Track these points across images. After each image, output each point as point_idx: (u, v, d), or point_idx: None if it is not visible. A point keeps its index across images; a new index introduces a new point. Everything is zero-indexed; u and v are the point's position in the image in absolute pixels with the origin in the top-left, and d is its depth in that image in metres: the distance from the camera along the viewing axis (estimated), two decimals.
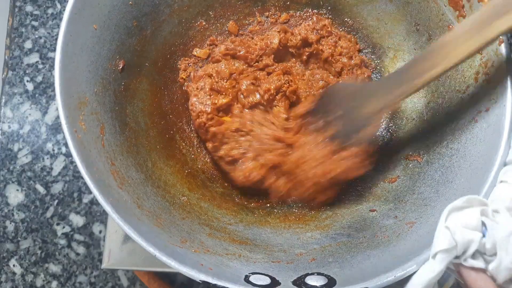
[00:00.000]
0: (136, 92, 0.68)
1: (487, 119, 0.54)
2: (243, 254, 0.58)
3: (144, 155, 0.65)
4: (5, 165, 0.85)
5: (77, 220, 0.84)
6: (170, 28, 0.72)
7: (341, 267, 0.53)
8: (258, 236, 0.64)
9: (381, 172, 0.69)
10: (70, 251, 0.83)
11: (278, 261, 0.57)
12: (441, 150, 0.61)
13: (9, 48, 0.90)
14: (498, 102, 0.53)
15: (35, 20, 0.91)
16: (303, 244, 0.62)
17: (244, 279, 0.50)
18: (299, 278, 0.51)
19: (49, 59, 0.90)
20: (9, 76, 0.89)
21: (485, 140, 0.54)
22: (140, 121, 0.68)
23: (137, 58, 0.68)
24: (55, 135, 0.87)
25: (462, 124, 0.59)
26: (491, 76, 0.55)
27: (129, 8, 0.64)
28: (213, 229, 0.63)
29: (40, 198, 0.84)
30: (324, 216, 0.68)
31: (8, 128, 0.87)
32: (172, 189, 0.66)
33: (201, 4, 0.74)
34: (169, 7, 0.71)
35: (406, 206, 0.60)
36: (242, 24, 0.77)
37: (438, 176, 0.59)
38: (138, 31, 0.67)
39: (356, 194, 0.69)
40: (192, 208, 0.66)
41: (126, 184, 0.57)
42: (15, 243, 0.83)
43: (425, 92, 0.68)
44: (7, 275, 0.82)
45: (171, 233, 0.56)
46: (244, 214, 0.69)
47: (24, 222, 0.84)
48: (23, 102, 0.88)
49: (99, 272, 0.83)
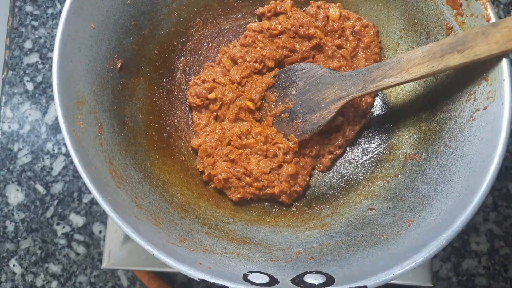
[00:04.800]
0: (134, 91, 0.68)
1: (485, 117, 0.54)
2: (241, 252, 0.58)
3: (142, 154, 0.66)
4: (5, 165, 0.85)
5: (77, 220, 0.84)
6: (169, 27, 0.72)
7: (340, 265, 0.53)
8: (256, 235, 0.64)
9: (380, 170, 0.69)
10: (70, 251, 0.83)
11: (276, 259, 0.57)
12: (439, 149, 0.61)
13: (9, 48, 0.90)
14: (496, 100, 0.53)
15: (35, 20, 0.91)
16: (301, 242, 0.62)
17: (242, 278, 0.50)
18: (298, 276, 0.51)
19: (49, 59, 0.90)
20: (9, 76, 0.89)
21: (483, 139, 0.54)
22: (138, 120, 0.68)
23: (135, 57, 0.68)
24: (55, 135, 0.87)
25: (460, 122, 0.59)
26: (489, 74, 0.55)
27: (127, 7, 0.65)
28: (211, 228, 0.63)
29: (40, 198, 0.84)
30: (323, 215, 0.68)
31: (8, 128, 0.87)
32: (171, 188, 0.66)
33: (200, 3, 0.74)
34: (167, 6, 0.71)
35: (404, 205, 0.60)
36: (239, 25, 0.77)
37: (436, 175, 0.59)
38: (136, 30, 0.67)
39: (355, 193, 0.69)
40: (191, 207, 0.66)
41: (124, 183, 0.58)
42: (15, 243, 0.83)
43: (423, 90, 0.68)
44: (7, 275, 0.83)
45: (169, 232, 0.56)
46: (242, 213, 0.69)
47: (24, 222, 0.84)
48: (23, 102, 0.88)
49: (99, 272, 0.83)
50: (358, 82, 0.63)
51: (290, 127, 0.70)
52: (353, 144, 0.73)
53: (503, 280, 0.80)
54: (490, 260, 0.80)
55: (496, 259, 0.80)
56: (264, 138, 0.69)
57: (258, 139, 0.69)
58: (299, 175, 0.70)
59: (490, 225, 0.81)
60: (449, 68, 0.56)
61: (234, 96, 0.71)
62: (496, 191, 0.83)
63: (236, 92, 0.71)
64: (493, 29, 0.53)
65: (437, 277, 0.80)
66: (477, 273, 0.80)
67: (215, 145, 0.70)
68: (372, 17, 0.73)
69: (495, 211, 0.82)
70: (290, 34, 0.73)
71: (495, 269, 0.80)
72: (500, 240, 0.81)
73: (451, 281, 0.80)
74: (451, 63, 0.56)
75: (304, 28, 0.72)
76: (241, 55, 0.73)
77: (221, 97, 0.71)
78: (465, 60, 0.55)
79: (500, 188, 0.83)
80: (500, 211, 0.82)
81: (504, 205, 0.82)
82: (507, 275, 0.80)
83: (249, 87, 0.72)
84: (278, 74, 0.72)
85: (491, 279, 0.80)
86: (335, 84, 0.66)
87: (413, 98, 0.70)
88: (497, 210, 0.82)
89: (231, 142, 0.69)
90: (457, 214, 0.50)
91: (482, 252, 0.81)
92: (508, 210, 0.82)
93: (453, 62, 0.56)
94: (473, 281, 0.80)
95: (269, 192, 0.68)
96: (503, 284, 0.80)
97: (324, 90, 0.67)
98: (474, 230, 0.81)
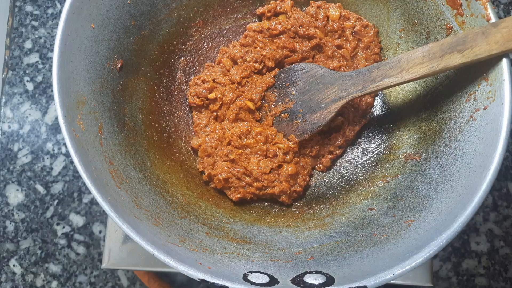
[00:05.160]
0: (134, 91, 0.68)
1: (485, 117, 0.54)
2: (241, 252, 0.58)
3: (142, 154, 0.66)
4: (5, 165, 0.85)
5: (77, 220, 0.84)
6: (169, 27, 0.72)
7: (340, 265, 0.53)
8: (256, 234, 0.64)
9: (380, 170, 0.69)
10: (70, 251, 0.83)
11: (276, 259, 0.57)
12: (439, 149, 0.61)
13: (9, 48, 0.90)
14: (496, 100, 0.53)
15: (35, 20, 0.91)
16: (301, 242, 0.62)
17: (242, 278, 0.50)
18: (298, 276, 0.51)
19: (49, 59, 0.90)
20: (9, 76, 0.89)
21: (483, 139, 0.54)
22: (138, 120, 0.68)
23: (135, 57, 0.68)
24: (55, 135, 0.87)
25: (460, 122, 0.59)
26: (489, 74, 0.55)
27: (127, 7, 0.65)
28: (211, 228, 0.63)
29: (40, 198, 0.84)
30: (323, 215, 0.68)
31: (8, 128, 0.87)
32: (171, 188, 0.66)
33: (200, 3, 0.74)
34: (167, 6, 0.71)
35: (404, 205, 0.60)
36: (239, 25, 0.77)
37: (436, 175, 0.59)
38: (136, 30, 0.67)
39: (355, 193, 0.69)
40: (191, 207, 0.66)
41: (124, 183, 0.58)
42: (15, 243, 0.83)
43: (423, 90, 0.68)
44: (7, 275, 0.83)
45: (169, 232, 0.56)
46: (242, 213, 0.69)
47: (24, 222, 0.84)
48: (23, 102, 0.88)
49: (99, 272, 0.83)
50: (358, 82, 0.63)
51: (290, 127, 0.70)
52: (353, 144, 0.74)
53: (503, 280, 0.80)
54: (490, 260, 0.80)
55: (496, 259, 0.80)
56: (264, 138, 0.69)
57: (258, 139, 0.69)
58: (299, 175, 0.70)
59: (490, 225, 0.81)
60: (449, 68, 0.56)
61: (234, 96, 0.71)
62: (496, 191, 0.83)
63: (236, 92, 0.71)
64: (493, 29, 0.53)
65: (437, 277, 0.80)
66: (477, 273, 0.80)
67: (215, 145, 0.70)
68: (372, 17, 0.73)
69: (495, 211, 0.82)
70: (290, 34, 0.73)
71: (495, 269, 0.80)
72: (500, 240, 0.81)
73: (451, 281, 0.80)
74: (451, 63, 0.56)
75: (304, 28, 0.73)
76: (241, 55, 0.73)
77: (221, 97, 0.71)
78: (465, 60, 0.55)
79: (500, 188, 0.83)
80: (500, 211, 0.82)
81: (504, 205, 0.82)
82: (507, 275, 0.80)
83: (249, 87, 0.72)
84: (278, 74, 0.72)
85: (491, 279, 0.80)
86: (335, 84, 0.66)
87: (413, 98, 0.70)
88: (497, 210, 0.82)
89: (231, 142, 0.69)
90: (457, 214, 0.50)
91: (482, 252, 0.81)
92: (508, 210, 0.82)
93: (453, 62, 0.56)
94: (473, 281, 0.80)
95: (269, 192, 0.68)
96: (503, 284, 0.80)
97: (324, 90, 0.67)
98: (474, 230, 0.81)
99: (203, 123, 0.72)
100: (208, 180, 0.71)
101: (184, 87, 0.75)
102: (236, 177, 0.68)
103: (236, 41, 0.77)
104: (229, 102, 0.71)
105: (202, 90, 0.71)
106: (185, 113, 0.75)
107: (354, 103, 0.72)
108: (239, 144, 0.69)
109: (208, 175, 0.70)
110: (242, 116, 0.71)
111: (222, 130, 0.71)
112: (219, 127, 0.71)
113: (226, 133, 0.70)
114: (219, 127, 0.71)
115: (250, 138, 0.69)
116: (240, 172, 0.68)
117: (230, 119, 0.71)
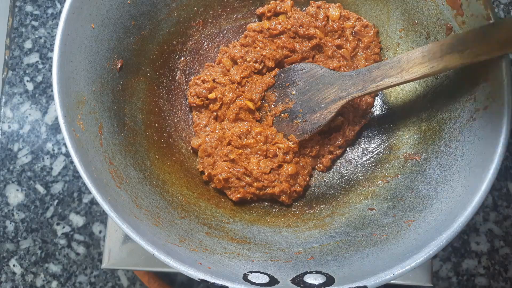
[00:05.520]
0: (134, 91, 0.68)
1: (486, 117, 0.54)
2: (241, 252, 0.58)
3: (142, 154, 0.66)
4: (5, 165, 0.85)
5: (77, 220, 0.84)
6: (169, 27, 0.72)
7: (340, 265, 0.53)
8: (256, 234, 0.64)
9: (380, 170, 0.69)
10: (70, 251, 0.83)
11: (276, 259, 0.57)
12: (439, 149, 0.61)
13: (9, 48, 0.90)
14: (496, 100, 0.53)
15: (35, 20, 0.91)
16: (301, 242, 0.62)
17: (242, 278, 0.50)
18: (298, 276, 0.51)
19: (49, 59, 0.90)
20: (9, 76, 0.89)
21: (484, 139, 0.54)
22: (138, 120, 0.68)
23: (135, 57, 0.68)
24: (55, 135, 0.87)
25: (460, 122, 0.59)
26: (489, 74, 0.55)
27: (127, 7, 0.65)
28: (211, 228, 0.63)
29: (40, 198, 0.84)
30: (323, 215, 0.68)
31: (8, 128, 0.87)
32: (171, 188, 0.66)
33: (200, 3, 0.74)
34: (167, 6, 0.71)
35: (404, 205, 0.60)
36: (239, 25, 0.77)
37: (436, 175, 0.59)
38: (136, 30, 0.67)
39: (355, 193, 0.69)
40: (191, 207, 0.66)
41: (124, 183, 0.58)
42: (15, 243, 0.83)
43: (423, 90, 0.68)
44: (7, 275, 0.83)
45: (169, 232, 0.56)
46: (242, 213, 0.69)
47: (24, 222, 0.84)
48: (23, 102, 0.88)
49: (99, 272, 0.83)
50: (358, 82, 0.63)
51: (290, 127, 0.70)
52: (353, 144, 0.74)
53: (503, 280, 0.80)
54: (490, 260, 0.80)
55: (496, 259, 0.80)
56: (264, 138, 0.69)
57: (258, 139, 0.69)
58: (299, 175, 0.70)
59: (490, 225, 0.81)
60: (449, 68, 0.56)
61: (234, 96, 0.71)
62: (496, 191, 0.83)
63: (236, 92, 0.71)
64: (493, 29, 0.53)
65: (437, 277, 0.80)
66: (477, 273, 0.80)
67: (215, 145, 0.70)
68: (372, 17, 0.73)
69: (495, 211, 0.82)
70: (290, 34, 0.73)
71: (495, 269, 0.80)
72: (500, 240, 0.81)
73: (451, 281, 0.80)
74: (451, 63, 0.56)
75: (304, 28, 0.73)
76: (241, 55, 0.73)
77: (221, 97, 0.71)
78: (465, 60, 0.55)
79: (500, 188, 0.83)
80: (500, 211, 0.82)
81: (504, 205, 0.82)
82: (507, 275, 0.80)
83: (249, 87, 0.73)
84: (278, 74, 0.72)
85: (491, 279, 0.80)
86: (335, 84, 0.66)
87: (413, 98, 0.70)
88: (497, 210, 0.82)
89: (231, 142, 0.69)
90: (457, 214, 0.50)
91: (482, 252, 0.81)
92: (508, 210, 0.82)
93: (453, 62, 0.55)
94: (473, 281, 0.80)
95: (269, 192, 0.68)
96: (503, 284, 0.80)
97: (324, 90, 0.67)
98: (474, 230, 0.81)
99: (203, 123, 0.72)
100: (208, 180, 0.71)
101: (184, 87, 0.75)
102: (236, 177, 0.68)
103: (236, 41, 0.77)
104: (229, 102, 0.71)
105: (202, 90, 0.71)
106: (185, 113, 0.75)
107: (354, 103, 0.72)
108: (239, 144, 0.69)
109: (208, 175, 0.70)
110: (242, 116, 0.71)
111: (222, 130, 0.71)
112: (219, 127, 0.71)
113: (226, 133, 0.70)
114: (219, 127, 0.71)
115: (250, 138, 0.69)
116: (240, 172, 0.68)
117: (230, 119, 0.71)
